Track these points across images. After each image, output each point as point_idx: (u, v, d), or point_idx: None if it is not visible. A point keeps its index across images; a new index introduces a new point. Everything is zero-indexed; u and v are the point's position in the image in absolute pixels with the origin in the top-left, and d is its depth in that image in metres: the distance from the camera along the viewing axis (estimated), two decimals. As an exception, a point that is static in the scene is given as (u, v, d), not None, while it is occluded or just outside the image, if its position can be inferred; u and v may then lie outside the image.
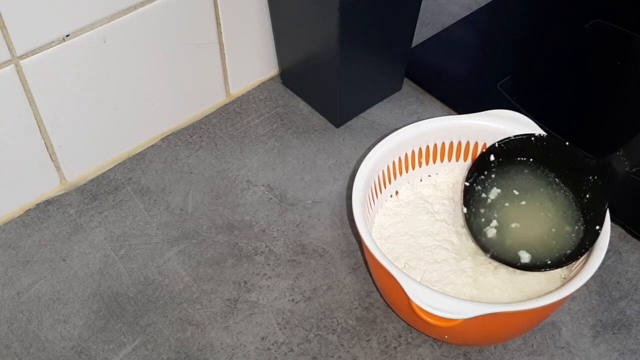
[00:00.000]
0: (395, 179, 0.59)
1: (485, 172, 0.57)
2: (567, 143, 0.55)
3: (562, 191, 0.56)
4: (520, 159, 0.57)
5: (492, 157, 0.56)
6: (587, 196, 0.54)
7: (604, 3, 0.84)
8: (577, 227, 0.54)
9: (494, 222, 0.55)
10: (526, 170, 0.57)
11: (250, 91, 0.75)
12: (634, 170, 0.52)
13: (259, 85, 0.75)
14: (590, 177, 0.53)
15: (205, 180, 0.67)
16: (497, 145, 0.56)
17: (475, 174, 0.57)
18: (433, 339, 0.55)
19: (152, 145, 0.70)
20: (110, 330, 0.56)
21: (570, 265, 0.54)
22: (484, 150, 0.57)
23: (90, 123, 0.64)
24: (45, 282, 0.59)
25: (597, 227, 0.52)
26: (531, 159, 0.56)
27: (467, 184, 0.56)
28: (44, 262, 0.61)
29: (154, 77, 0.66)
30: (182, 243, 0.62)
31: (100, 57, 0.61)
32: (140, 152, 0.69)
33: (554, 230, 0.54)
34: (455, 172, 0.61)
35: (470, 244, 0.56)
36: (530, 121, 0.57)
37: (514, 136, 0.56)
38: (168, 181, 0.67)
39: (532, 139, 0.56)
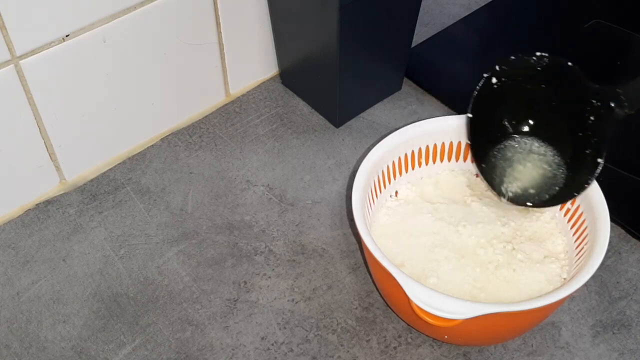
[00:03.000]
0: (395, 179, 0.59)
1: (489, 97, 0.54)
2: (569, 63, 0.52)
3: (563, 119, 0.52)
4: (524, 80, 0.53)
5: (494, 80, 0.54)
6: (591, 118, 0.51)
7: (604, 3, 0.84)
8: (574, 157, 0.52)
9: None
10: (529, 93, 0.53)
11: (250, 91, 0.75)
12: (632, 112, 0.49)
13: (258, 85, 0.75)
14: (594, 101, 0.50)
15: (205, 180, 0.67)
16: (497, 68, 0.54)
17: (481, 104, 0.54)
18: (433, 339, 0.55)
19: (152, 145, 0.70)
20: (110, 330, 0.56)
21: (570, 265, 0.54)
22: (487, 75, 0.54)
23: (90, 123, 0.64)
24: (45, 282, 0.59)
25: (599, 160, 0.50)
26: (533, 81, 0.53)
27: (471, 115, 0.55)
28: (44, 262, 0.61)
29: (154, 77, 0.66)
30: (182, 243, 0.62)
31: (100, 57, 0.61)
32: (140, 152, 0.69)
33: (550, 167, 0.54)
34: (456, 172, 0.61)
35: (470, 243, 0.56)
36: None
37: (514, 56, 0.53)
38: (168, 181, 0.67)
39: (534, 58, 0.53)
